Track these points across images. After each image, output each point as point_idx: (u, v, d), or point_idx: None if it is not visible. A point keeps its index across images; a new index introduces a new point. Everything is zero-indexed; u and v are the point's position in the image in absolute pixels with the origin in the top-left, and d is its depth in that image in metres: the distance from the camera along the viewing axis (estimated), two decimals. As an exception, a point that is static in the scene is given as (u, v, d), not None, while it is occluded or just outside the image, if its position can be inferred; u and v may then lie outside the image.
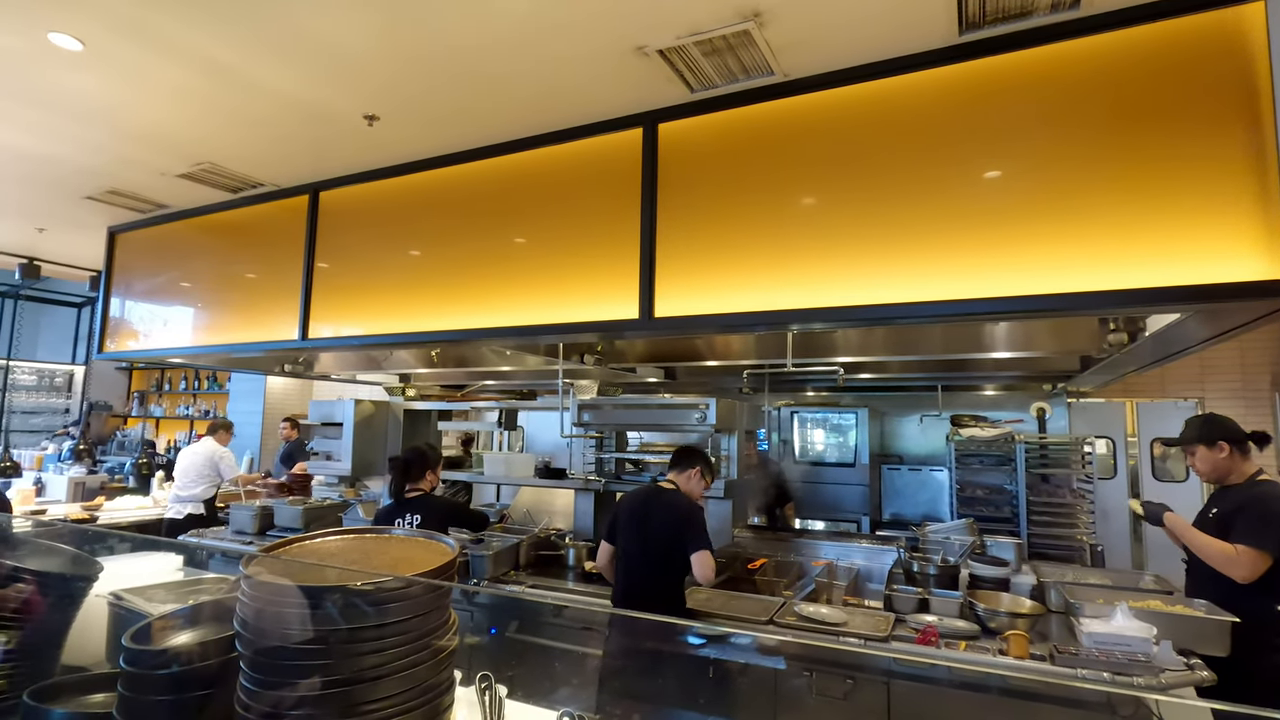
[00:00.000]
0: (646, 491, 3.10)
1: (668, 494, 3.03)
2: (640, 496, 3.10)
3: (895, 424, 6.08)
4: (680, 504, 2.97)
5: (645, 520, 2.98)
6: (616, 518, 3.11)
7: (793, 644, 2.72)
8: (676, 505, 2.96)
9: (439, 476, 3.53)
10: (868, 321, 2.44)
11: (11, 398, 8.95)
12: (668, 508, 2.96)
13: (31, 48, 2.45)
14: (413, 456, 3.41)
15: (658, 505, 2.99)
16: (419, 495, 3.34)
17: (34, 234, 4.83)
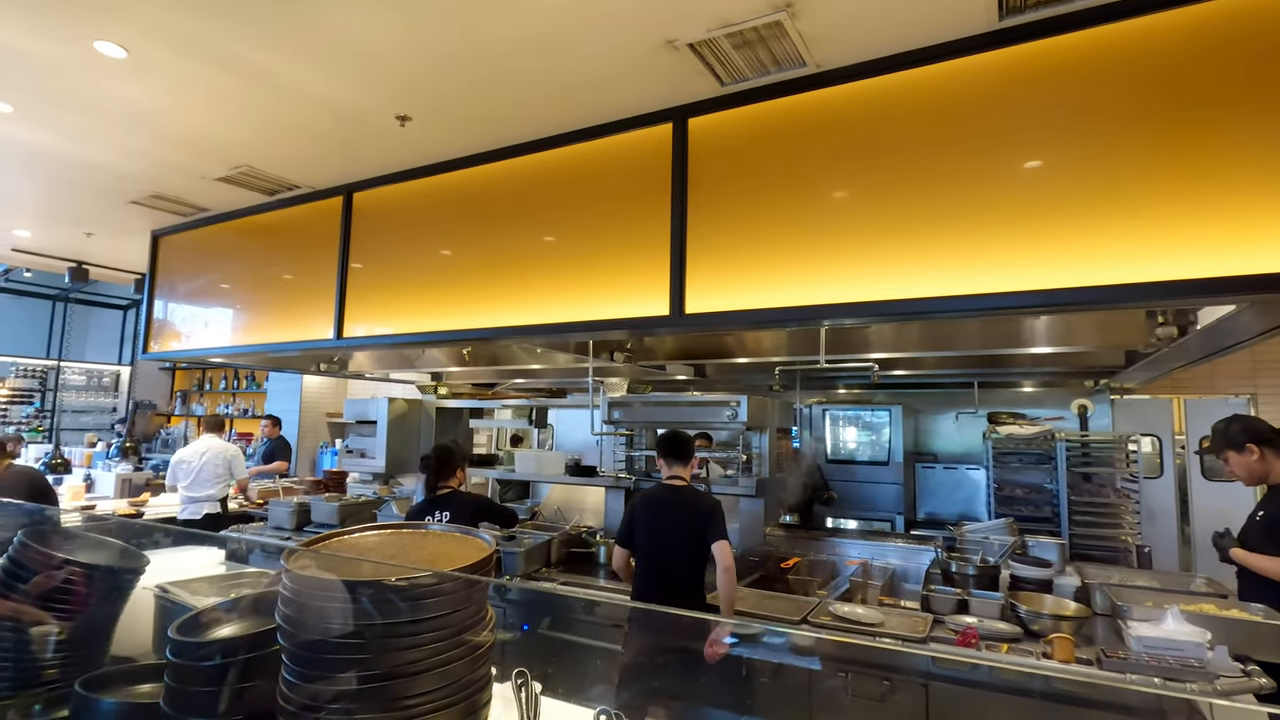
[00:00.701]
0: (661, 491, 3.11)
1: (684, 491, 3.05)
2: (657, 497, 3.10)
3: (930, 421, 5.96)
4: (701, 500, 3.00)
5: (666, 519, 2.99)
6: (633, 520, 3.11)
7: (828, 644, 2.68)
8: (697, 502, 2.99)
9: (466, 473, 3.57)
10: (903, 316, 2.39)
11: (62, 397, 9.29)
12: (689, 505, 2.98)
13: (78, 56, 2.52)
14: (443, 454, 3.45)
15: (678, 503, 3.01)
16: (449, 492, 3.38)
17: (82, 238, 4.99)
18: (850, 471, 5.78)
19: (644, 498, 3.17)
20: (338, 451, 7.78)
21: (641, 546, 3.07)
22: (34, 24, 2.33)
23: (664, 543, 2.97)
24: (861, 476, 5.72)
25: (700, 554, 2.89)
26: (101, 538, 1.49)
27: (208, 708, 0.98)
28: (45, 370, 9.32)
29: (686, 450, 3.13)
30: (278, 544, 3.94)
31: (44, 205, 4.32)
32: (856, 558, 3.49)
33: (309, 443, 7.99)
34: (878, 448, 5.72)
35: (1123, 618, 2.53)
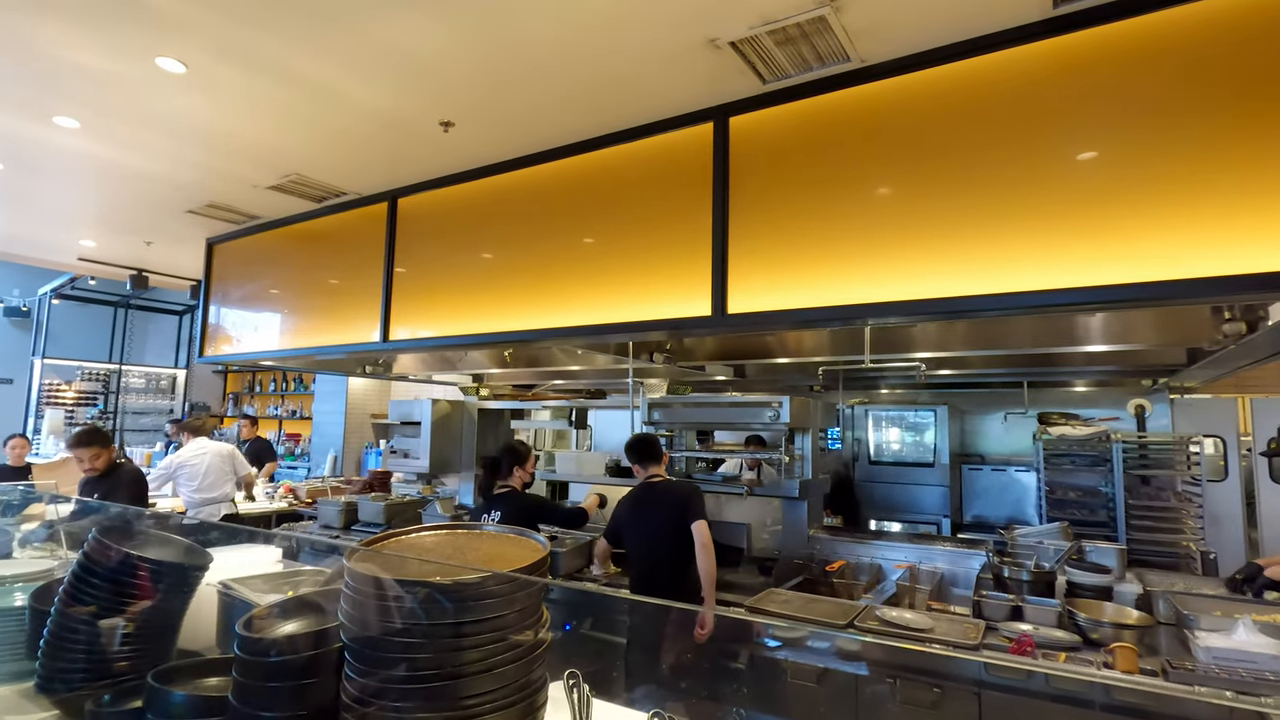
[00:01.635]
0: (640, 490, 3.31)
1: (661, 485, 3.28)
2: (638, 495, 3.30)
3: (977, 422, 5.81)
4: (678, 488, 3.26)
5: (649, 512, 3.19)
6: (619, 522, 3.31)
7: (876, 649, 2.63)
8: (675, 490, 3.23)
9: (529, 472, 3.58)
10: (950, 315, 2.33)
11: (124, 399, 9.70)
12: (669, 494, 3.21)
13: (141, 73, 2.63)
14: (501, 454, 3.50)
15: (657, 496, 3.23)
16: (506, 491, 3.42)
17: (142, 247, 5.20)
18: (894, 473, 5.67)
19: (628, 498, 3.35)
20: (382, 452, 7.96)
21: (630, 542, 3.28)
22: (101, 43, 2.44)
23: (650, 534, 3.17)
24: (906, 478, 5.61)
25: (685, 539, 3.06)
26: (168, 535, 1.55)
27: (274, 702, 1.00)
28: (108, 374, 9.75)
29: (655, 450, 3.34)
30: (333, 543, 4.03)
31: (107, 216, 4.52)
32: (903, 561, 3.42)
33: (354, 443, 8.18)
34: (922, 449, 5.60)
35: (1189, 627, 2.42)
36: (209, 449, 5.28)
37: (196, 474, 5.14)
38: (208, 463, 5.18)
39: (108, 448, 4.05)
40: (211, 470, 5.17)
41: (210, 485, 5.14)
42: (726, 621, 2.64)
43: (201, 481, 5.13)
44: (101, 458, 3.94)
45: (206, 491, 5.12)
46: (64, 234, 4.99)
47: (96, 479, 3.87)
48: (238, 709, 1.03)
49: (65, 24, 2.33)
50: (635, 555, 3.28)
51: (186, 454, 5.23)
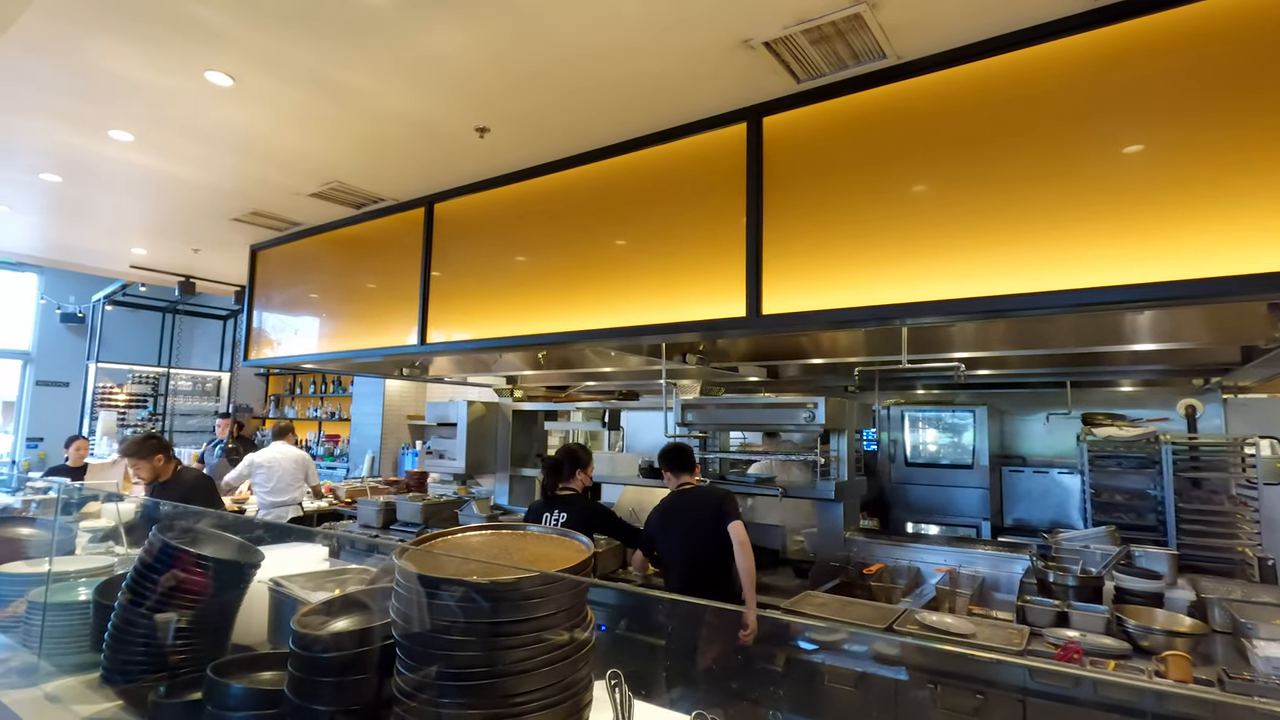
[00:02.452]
0: (672, 498, 3.32)
1: (692, 491, 3.29)
2: (670, 504, 3.30)
3: (1017, 423, 5.67)
4: (710, 492, 3.26)
5: (683, 519, 3.19)
6: (652, 530, 3.32)
7: (915, 653, 2.59)
8: (707, 495, 3.24)
9: (590, 476, 3.59)
10: (991, 314, 2.29)
11: (172, 402, 10.04)
12: (701, 498, 3.22)
13: (191, 86, 2.72)
14: (563, 456, 3.50)
15: (689, 502, 3.23)
16: (569, 495, 3.44)
17: (190, 254, 5.39)
18: (931, 475, 5.57)
19: (661, 508, 3.34)
20: (418, 452, 8.10)
21: (665, 550, 3.28)
22: (154, 58, 2.53)
23: (685, 540, 3.17)
24: (944, 480, 5.50)
25: (723, 542, 3.05)
26: (222, 534, 1.60)
27: (328, 696, 1.03)
28: (156, 377, 10.10)
29: (688, 459, 3.35)
30: (376, 542, 4.11)
31: (158, 225, 4.69)
32: (942, 565, 3.36)
33: (391, 444, 8.34)
34: (960, 450, 5.49)
35: (1247, 636, 2.34)
36: (286, 454, 5.62)
37: (271, 476, 5.47)
38: (283, 466, 5.51)
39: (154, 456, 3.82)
40: (286, 474, 5.50)
41: (282, 488, 5.46)
42: (765, 623, 2.62)
43: (275, 484, 5.45)
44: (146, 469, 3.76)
45: (277, 494, 5.44)
46: (117, 242, 5.20)
47: (160, 487, 3.76)
48: (293, 702, 1.07)
49: (121, 41, 2.43)
50: (671, 563, 3.27)
51: (265, 455, 5.58)
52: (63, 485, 3.12)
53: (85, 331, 9.53)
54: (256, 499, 5.45)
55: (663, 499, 3.38)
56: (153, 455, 3.79)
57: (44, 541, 2.54)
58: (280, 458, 5.57)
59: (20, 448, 9.04)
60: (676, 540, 3.23)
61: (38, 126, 3.14)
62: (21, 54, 2.54)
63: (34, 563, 2.08)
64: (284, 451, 5.64)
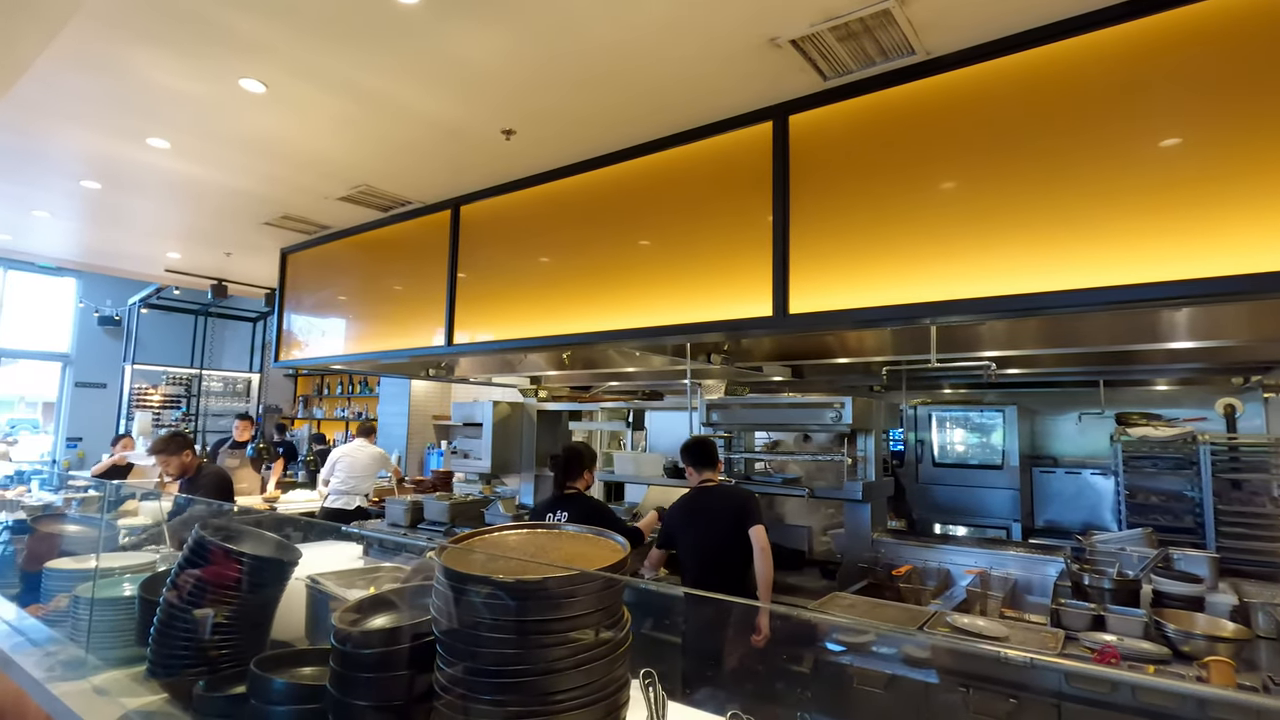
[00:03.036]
0: (695, 494, 3.27)
1: (716, 490, 3.25)
2: (692, 500, 3.26)
3: (1048, 423, 5.57)
4: (734, 493, 3.22)
5: (704, 517, 3.15)
6: (672, 527, 3.26)
7: (946, 655, 2.56)
8: (731, 495, 3.20)
9: (594, 476, 3.58)
10: (1023, 312, 2.26)
11: (204, 402, 10.26)
12: (725, 498, 3.18)
13: (225, 94, 2.78)
14: (570, 455, 3.50)
15: (712, 501, 3.18)
16: (573, 493, 3.43)
17: (222, 258, 5.50)
18: (959, 475, 5.49)
19: (681, 503, 3.29)
20: (443, 452, 8.18)
21: (685, 549, 3.23)
22: (191, 67, 2.60)
23: (706, 539, 3.13)
24: (972, 481, 5.42)
25: (742, 544, 3.02)
26: (262, 532, 1.64)
27: (369, 691, 1.05)
28: (189, 378, 10.33)
29: (712, 454, 3.30)
30: (411, 542, 4.16)
31: (192, 229, 4.79)
32: (973, 567, 3.31)
33: (417, 444, 8.43)
34: (989, 450, 5.41)
35: (1293, 642, 2.27)
36: (365, 450, 6.06)
37: (353, 467, 5.91)
38: (359, 461, 5.95)
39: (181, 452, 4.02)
40: (359, 467, 5.94)
41: (354, 480, 5.88)
42: (793, 623, 2.62)
43: (350, 474, 5.88)
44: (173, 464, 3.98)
45: (347, 485, 5.86)
46: (153, 247, 5.32)
47: (186, 482, 4.03)
48: (335, 697, 1.09)
49: (160, 51, 2.49)
50: (690, 561, 3.24)
51: (350, 447, 6.06)
52: (104, 484, 3.20)
53: (122, 334, 9.78)
54: (331, 485, 5.91)
55: (684, 494, 3.34)
56: (179, 451, 3.94)
57: (85, 538, 2.61)
58: (358, 453, 6.00)
59: (60, 447, 9.31)
60: (694, 538, 3.20)
61: (78, 135, 3.23)
62: (64, 66, 2.61)
63: (80, 559, 2.15)
64: (363, 448, 6.07)
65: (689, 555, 3.24)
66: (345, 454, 6.02)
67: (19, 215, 4.55)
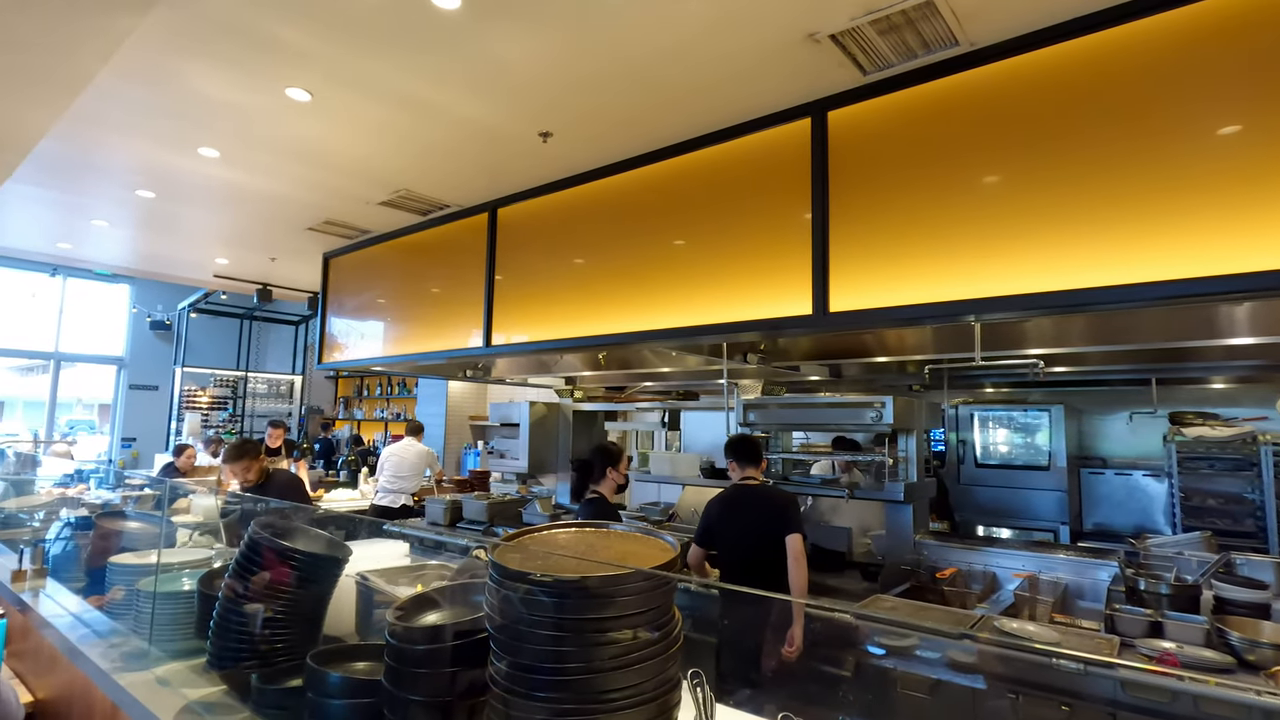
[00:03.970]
0: (736, 492, 3.22)
1: (759, 489, 3.21)
2: (733, 497, 3.21)
3: (1096, 422, 5.41)
4: (776, 496, 3.17)
5: (744, 517, 3.11)
6: (711, 522, 3.21)
7: (994, 661, 2.50)
8: (773, 497, 3.15)
9: (622, 474, 3.43)
10: (1072, 308, 2.20)
11: (249, 403, 10.57)
12: (767, 499, 3.14)
13: (272, 103, 2.86)
14: (592, 456, 3.43)
15: (754, 501, 3.14)
16: (594, 498, 3.34)
17: (268, 263, 5.66)
18: (1003, 476, 5.36)
19: (721, 499, 3.24)
20: (479, 452, 8.29)
21: (722, 546, 3.20)
22: (239, 79, 2.67)
23: (744, 540, 3.09)
24: (1017, 482, 5.29)
25: (779, 549, 2.98)
26: (314, 530, 1.68)
27: (423, 686, 1.07)
28: (235, 380, 10.66)
29: (756, 452, 3.26)
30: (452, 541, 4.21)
31: (238, 236, 4.94)
32: (1021, 570, 3.23)
33: (454, 444, 8.56)
34: (1034, 451, 5.27)
35: (1368, 652, 2.16)
36: (412, 448, 6.22)
37: (401, 465, 6.08)
38: (407, 458, 6.12)
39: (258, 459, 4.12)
40: (405, 465, 6.11)
41: (405, 477, 6.07)
42: (835, 625, 2.58)
43: (397, 472, 6.04)
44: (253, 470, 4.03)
45: (395, 483, 6.04)
46: (202, 253, 5.50)
47: (258, 488, 4.01)
48: (390, 691, 1.11)
49: (211, 63, 2.57)
50: (728, 559, 3.21)
51: (399, 446, 6.23)
52: (161, 481, 3.31)
53: (172, 338, 10.13)
54: (380, 483, 6.08)
55: (725, 490, 3.28)
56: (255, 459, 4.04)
57: (143, 535, 2.71)
58: (405, 451, 6.16)
59: (116, 447, 9.67)
60: (731, 537, 3.15)
61: (134, 146, 3.35)
62: (121, 80, 2.72)
63: (141, 554, 2.23)
64: (410, 446, 6.23)
65: (727, 553, 3.21)
66: (393, 453, 6.16)
67: (79, 224, 4.75)
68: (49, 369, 9.51)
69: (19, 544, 3.01)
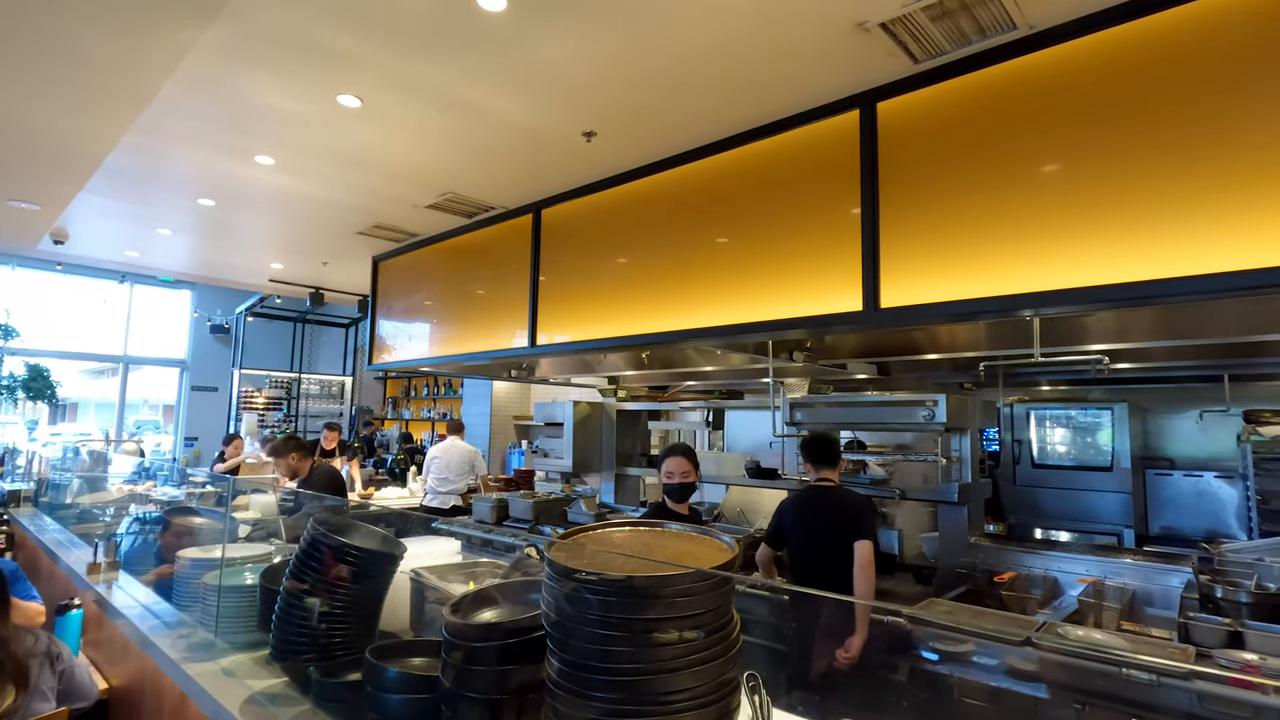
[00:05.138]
0: (811, 493, 3.13)
1: (834, 491, 3.09)
2: (808, 499, 3.12)
3: (1163, 421, 5.16)
4: (852, 499, 3.05)
5: (818, 520, 3.01)
6: (783, 522, 3.13)
7: (1058, 669, 2.40)
8: (849, 501, 3.03)
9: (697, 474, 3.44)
10: (1139, 301, 2.09)
11: (303, 404, 10.92)
12: (843, 502, 3.03)
13: (324, 111, 2.93)
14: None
15: (829, 503, 3.03)
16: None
17: (319, 267, 5.82)
18: (1063, 478, 5.16)
19: (795, 499, 3.18)
20: (523, 451, 8.37)
21: (793, 547, 3.11)
22: (293, 87, 2.75)
23: (817, 543, 3.00)
24: (1077, 484, 5.08)
25: (848, 554, 2.88)
26: (370, 527, 1.71)
27: (481, 683, 1.07)
28: (289, 382, 11.02)
29: (833, 452, 3.16)
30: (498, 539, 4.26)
31: (292, 240, 5.10)
32: (1084, 575, 3.10)
33: (499, 443, 8.67)
34: (1096, 451, 5.05)
35: None
36: (456, 447, 6.28)
37: (448, 466, 6.13)
38: (454, 459, 6.17)
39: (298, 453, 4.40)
40: (453, 466, 6.16)
41: (453, 477, 6.13)
42: (890, 628, 2.52)
43: (446, 473, 6.11)
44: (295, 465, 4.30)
45: (445, 484, 6.11)
46: (258, 258, 5.70)
47: (303, 482, 4.30)
48: (448, 687, 1.11)
49: (266, 73, 2.65)
50: (798, 563, 3.11)
51: (442, 447, 6.29)
52: (222, 480, 3.43)
53: (230, 341, 10.53)
54: (427, 486, 6.15)
55: (800, 490, 3.21)
56: (289, 454, 4.20)
57: (206, 529, 2.82)
58: (449, 453, 6.20)
59: (179, 446, 10.11)
60: (802, 539, 3.06)
61: (195, 156, 3.49)
62: (183, 93, 2.83)
63: (206, 549, 2.31)
64: (454, 446, 6.27)
65: (795, 557, 3.13)
66: (438, 454, 6.22)
67: (145, 233, 4.97)
68: (118, 371, 9.99)
69: (93, 538, 3.16)
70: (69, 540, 3.72)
